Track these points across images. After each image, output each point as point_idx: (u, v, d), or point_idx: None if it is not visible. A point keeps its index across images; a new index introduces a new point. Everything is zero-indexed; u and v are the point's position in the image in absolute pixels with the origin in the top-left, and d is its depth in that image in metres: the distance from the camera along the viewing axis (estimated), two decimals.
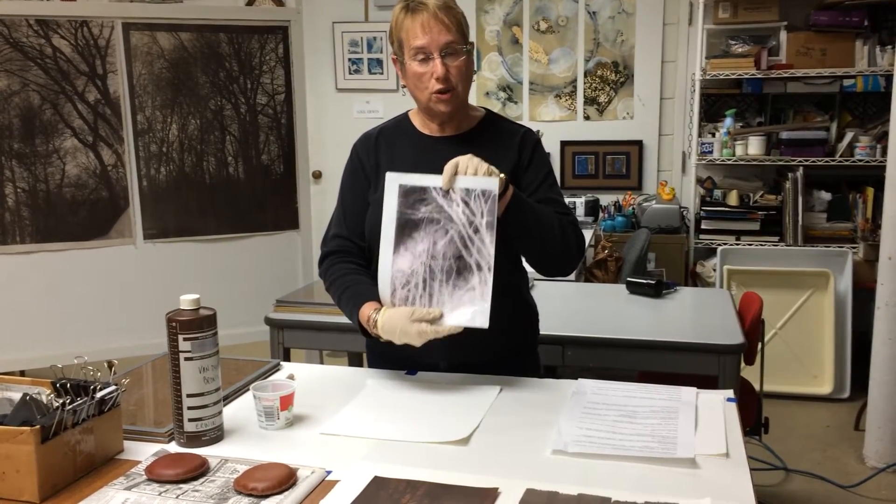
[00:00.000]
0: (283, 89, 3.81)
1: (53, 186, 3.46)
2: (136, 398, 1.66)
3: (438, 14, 1.70)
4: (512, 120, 1.96)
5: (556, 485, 1.25)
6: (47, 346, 3.43)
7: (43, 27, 3.38)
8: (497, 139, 1.85)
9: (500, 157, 1.79)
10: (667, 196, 4.52)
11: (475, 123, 1.87)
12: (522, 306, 1.95)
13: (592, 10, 4.73)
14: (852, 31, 4.12)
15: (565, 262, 1.82)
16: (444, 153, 1.74)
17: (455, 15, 1.73)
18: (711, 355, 2.32)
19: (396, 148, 1.86)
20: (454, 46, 1.72)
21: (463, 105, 1.82)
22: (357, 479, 1.29)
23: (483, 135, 1.86)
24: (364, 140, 1.91)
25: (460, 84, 1.75)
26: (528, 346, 1.97)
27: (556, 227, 1.76)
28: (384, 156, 1.85)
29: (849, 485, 3.19)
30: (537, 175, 1.84)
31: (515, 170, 1.81)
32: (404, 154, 1.84)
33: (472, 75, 1.80)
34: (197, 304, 1.42)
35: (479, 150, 1.76)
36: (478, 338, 1.69)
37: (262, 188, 3.82)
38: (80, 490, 1.27)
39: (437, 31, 1.70)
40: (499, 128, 1.88)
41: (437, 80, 1.71)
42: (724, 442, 1.41)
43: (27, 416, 1.28)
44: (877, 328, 3.33)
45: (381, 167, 1.82)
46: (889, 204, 3.26)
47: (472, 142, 1.82)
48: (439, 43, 1.70)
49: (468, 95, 1.83)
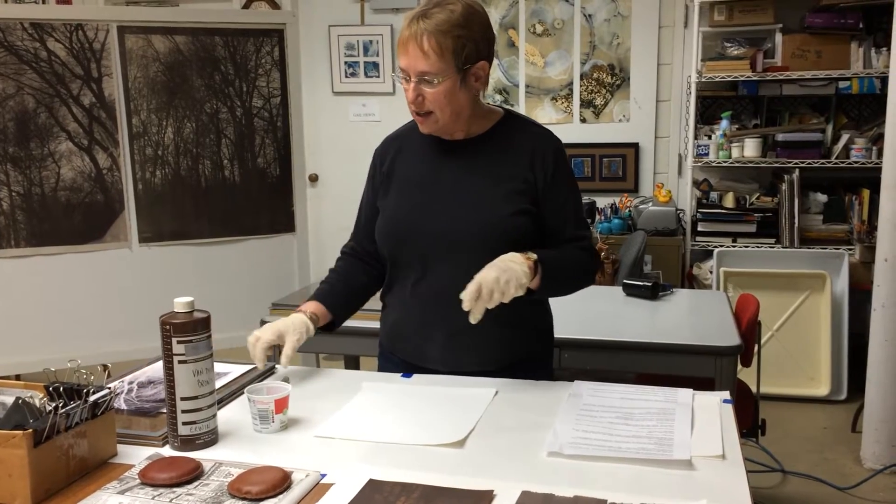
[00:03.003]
0: (279, 92, 3.80)
1: (48, 190, 3.45)
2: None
3: (421, 39, 1.63)
4: (532, 121, 1.88)
5: (552, 487, 1.25)
6: (43, 350, 3.41)
7: (38, 30, 3.37)
8: (510, 146, 1.79)
9: (510, 165, 1.76)
10: (663, 198, 4.52)
11: (489, 127, 1.81)
12: (539, 310, 1.92)
13: (588, 13, 4.73)
14: (847, 33, 4.12)
15: (580, 289, 1.86)
16: (450, 162, 1.78)
17: (445, 41, 1.63)
18: (708, 357, 2.32)
19: (409, 154, 1.85)
20: (429, 76, 1.65)
21: (448, 126, 1.75)
22: (352, 482, 1.28)
23: (494, 141, 1.80)
24: (383, 146, 1.92)
25: (438, 110, 1.69)
26: (544, 353, 1.95)
27: (580, 274, 1.80)
28: (400, 162, 1.85)
29: (846, 486, 3.18)
30: (559, 194, 1.78)
31: (530, 184, 1.76)
32: (417, 163, 1.84)
33: (460, 100, 1.70)
34: (191, 307, 1.42)
35: (486, 157, 1.77)
36: (491, 342, 1.75)
37: (257, 191, 3.81)
38: (73, 494, 1.26)
39: (414, 57, 1.65)
40: (515, 133, 1.81)
41: (411, 103, 1.70)
42: (721, 444, 1.40)
43: (20, 419, 1.27)
44: (873, 330, 3.33)
45: (395, 174, 1.84)
46: (885, 206, 3.27)
47: (480, 148, 1.79)
48: (415, 69, 1.66)
49: (458, 117, 1.73)
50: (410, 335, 1.85)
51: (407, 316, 1.84)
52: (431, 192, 1.79)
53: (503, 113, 1.85)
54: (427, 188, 1.80)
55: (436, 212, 1.77)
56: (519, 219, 1.74)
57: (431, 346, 1.81)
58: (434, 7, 1.65)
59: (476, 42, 1.68)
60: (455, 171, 1.79)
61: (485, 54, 1.72)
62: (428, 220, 1.77)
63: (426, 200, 1.79)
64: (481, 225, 1.73)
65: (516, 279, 1.59)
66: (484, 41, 1.71)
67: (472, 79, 1.72)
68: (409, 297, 1.82)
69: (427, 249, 1.77)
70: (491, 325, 1.68)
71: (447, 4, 1.65)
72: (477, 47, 1.69)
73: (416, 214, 1.78)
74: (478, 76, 1.73)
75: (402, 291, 1.84)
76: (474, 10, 1.69)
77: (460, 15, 1.65)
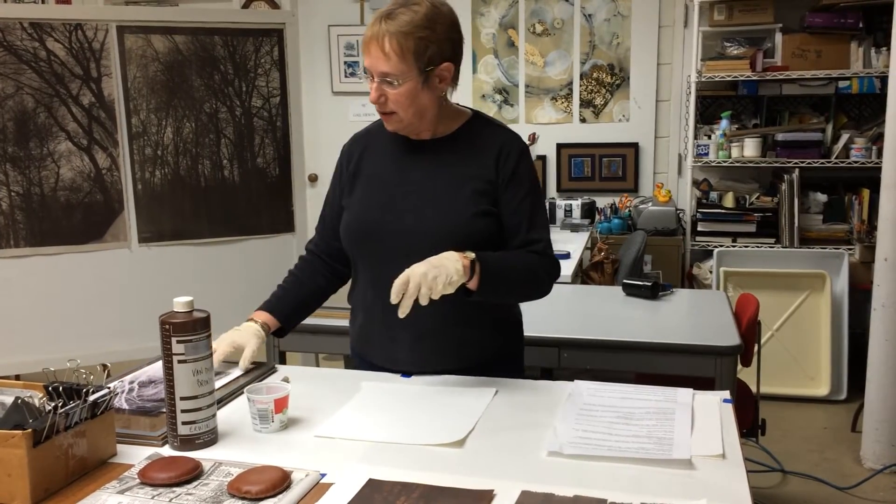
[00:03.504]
0: (279, 92, 3.80)
1: (48, 190, 3.44)
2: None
3: (383, 40, 1.62)
4: (499, 123, 1.85)
5: (551, 486, 1.25)
6: (42, 350, 3.41)
7: (37, 30, 3.37)
8: (475, 147, 1.78)
9: (475, 167, 1.76)
10: (663, 198, 4.52)
11: (455, 128, 1.80)
12: (505, 308, 1.89)
13: (588, 13, 4.73)
14: (847, 32, 4.12)
15: (535, 298, 1.83)
16: (416, 161, 1.79)
17: (406, 42, 1.62)
18: (708, 357, 2.32)
19: (375, 153, 1.86)
20: (390, 77, 1.65)
21: (413, 126, 1.74)
22: (352, 481, 1.28)
23: (460, 141, 1.79)
24: (350, 143, 1.93)
25: (401, 110, 1.69)
26: (513, 350, 1.93)
27: (530, 279, 1.76)
28: (366, 160, 1.86)
29: (846, 486, 3.18)
30: (517, 193, 1.76)
31: (493, 185, 1.76)
32: (383, 161, 1.84)
33: (423, 101, 1.69)
34: (190, 307, 1.42)
35: (452, 157, 1.77)
36: (458, 343, 1.75)
37: (257, 191, 3.81)
38: (72, 494, 1.26)
39: (376, 58, 1.64)
40: (480, 134, 1.80)
41: (372, 101, 1.70)
42: (721, 443, 1.40)
43: (19, 419, 1.27)
44: (873, 329, 3.33)
45: (361, 173, 1.85)
46: (885, 205, 3.27)
47: (446, 148, 1.79)
48: (376, 70, 1.65)
49: (421, 117, 1.73)
50: (377, 338, 1.84)
51: (372, 318, 1.83)
52: (395, 192, 1.78)
53: (471, 114, 1.84)
54: (391, 187, 1.79)
55: (399, 211, 1.76)
56: (481, 220, 1.73)
57: (398, 347, 1.80)
58: (399, 7, 1.64)
59: (440, 43, 1.67)
60: (420, 171, 1.79)
61: (449, 55, 1.70)
62: (391, 220, 1.76)
63: (390, 200, 1.78)
64: (443, 226, 1.72)
65: (446, 276, 1.56)
66: (448, 42, 1.69)
67: (436, 80, 1.70)
68: (372, 298, 1.81)
69: (389, 249, 1.75)
70: (457, 325, 1.72)
71: (412, 5, 1.64)
72: (441, 48, 1.67)
73: (380, 213, 1.78)
74: (442, 77, 1.71)
75: (366, 292, 1.84)
76: (439, 11, 1.67)
77: (423, 16, 1.63)
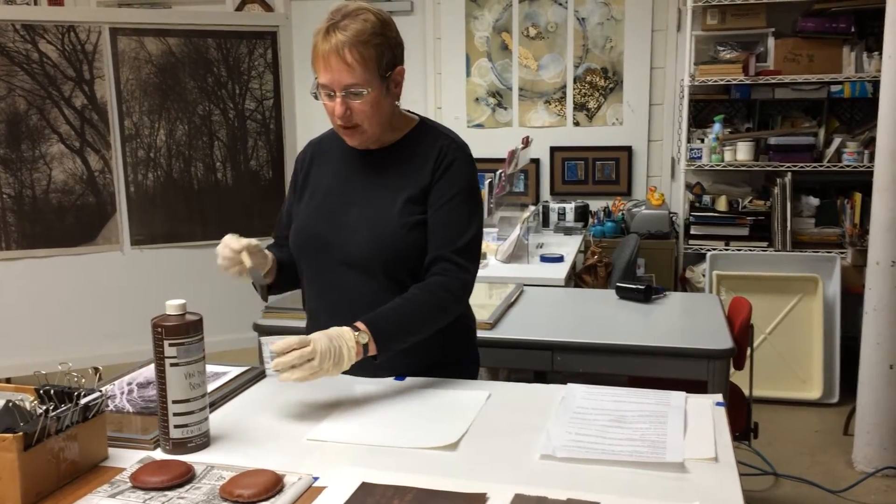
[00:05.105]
0: (272, 95, 3.80)
1: (40, 192, 3.43)
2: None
3: (343, 51, 1.60)
4: (442, 129, 1.83)
5: (544, 490, 1.25)
6: (34, 353, 3.40)
7: (29, 32, 3.36)
8: (416, 155, 1.78)
9: (413, 175, 1.76)
10: (656, 202, 4.53)
11: (401, 136, 1.80)
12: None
13: (581, 17, 4.74)
14: (839, 37, 4.14)
15: (447, 321, 1.77)
16: (359, 172, 1.79)
17: (366, 50, 1.62)
18: (701, 360, 2.32)
19: (322, 163, 1.87)
20: (356, 88, 1.63)
21: (375, 137, 1.74)
22: (344, 485, 1.28)
23: (405, 149, 1.79)
24: (303, 151, 1.94)
25: (366, 122, 1.68)
26: (461, 352, 1.91)
27: (432, 318, 1.71)
28: (315, 169, 1.87)
29: (838, 489, 3.19)
30: (442, 195, 1.74)
31: (425, 190, 1.75)
32: (330, 171, 1.84)
33: (385, 109, 1.71)
34: (183, 310, 1.41)
35: (393, 168, 1.78)
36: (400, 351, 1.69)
37: (250, 194, 3.80)
38: (63, 498, 1.25)
39: (338, 71, 1.62)
40: (424, 141, 1.79)
41: (338, 118, 1.69)
42: (713, 446, 1.40)
43: (10, 422, 1.26)
44: (865, 333, 3.34)
45: (309, 182, 1.86)
46: (877, 209, 3.28)
47: (390, 158, 1.79)
48: (340, 83, 1.64)
49: (383, 127, 1.73)
50: None
51: (318, 326, 1.78)
52: (335, 203, 1.79)
53: (418, 120, 1.84)
54: (332, 198, 1.80)
55: (338, 224, 1.77)
56: (413, 234, 1.73)
57: None
58: (344, 19, 1.63)
59: (392, 48, 1.68)
60: (360, 182, 1.80)
61: (400, 59, 1.72)
62: (330, 232, 1.77)
63: (330, 211, 1.79)
64: (373, 240, 1.72)
65: (339, 367, 1.56)
66: (398, 46, 1.71)
67: (393, 85, 1.71)
68: (316, 306, 1.83)
69: (330, 260, 1.76)
70: None
71: (357, 15, 1.64)
72: (394, 53, 1.68)
73: (321, 225, 1.78)
74: (397, 82, 1.72)
75: (311, 300, 1.86)
76: (384, 17, 1.68)
77: (374, 23, 1.64)
